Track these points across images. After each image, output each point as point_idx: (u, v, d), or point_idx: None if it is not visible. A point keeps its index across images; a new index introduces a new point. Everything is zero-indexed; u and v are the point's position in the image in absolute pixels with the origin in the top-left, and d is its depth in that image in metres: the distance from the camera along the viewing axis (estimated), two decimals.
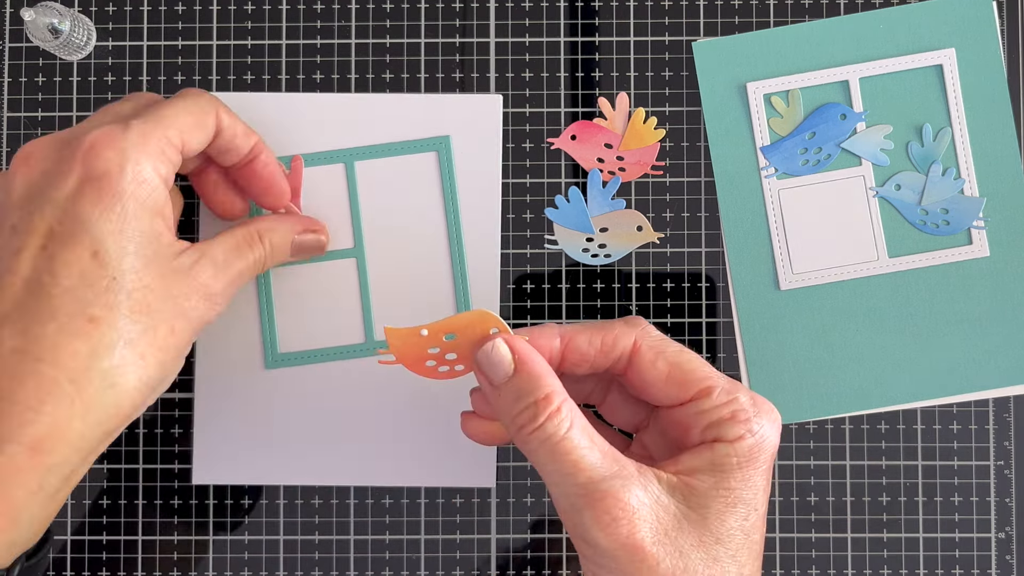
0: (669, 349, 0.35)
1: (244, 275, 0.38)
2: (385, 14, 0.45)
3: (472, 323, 0.33)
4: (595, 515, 0.31)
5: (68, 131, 0.35)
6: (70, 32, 0.42)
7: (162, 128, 0.35)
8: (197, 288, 0.36)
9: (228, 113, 0.38)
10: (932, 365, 0.43)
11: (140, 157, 0.34)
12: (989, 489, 0.44)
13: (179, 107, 0.36)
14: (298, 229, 0.41)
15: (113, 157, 0.33)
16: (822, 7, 0.44)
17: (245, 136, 0.39)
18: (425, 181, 0.44)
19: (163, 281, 0.34)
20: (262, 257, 0.39)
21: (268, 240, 0.39)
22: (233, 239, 0.38)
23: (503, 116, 0.44)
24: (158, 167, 0.35)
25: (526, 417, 0.32)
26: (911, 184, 0.44)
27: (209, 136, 0.38)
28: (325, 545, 0.44)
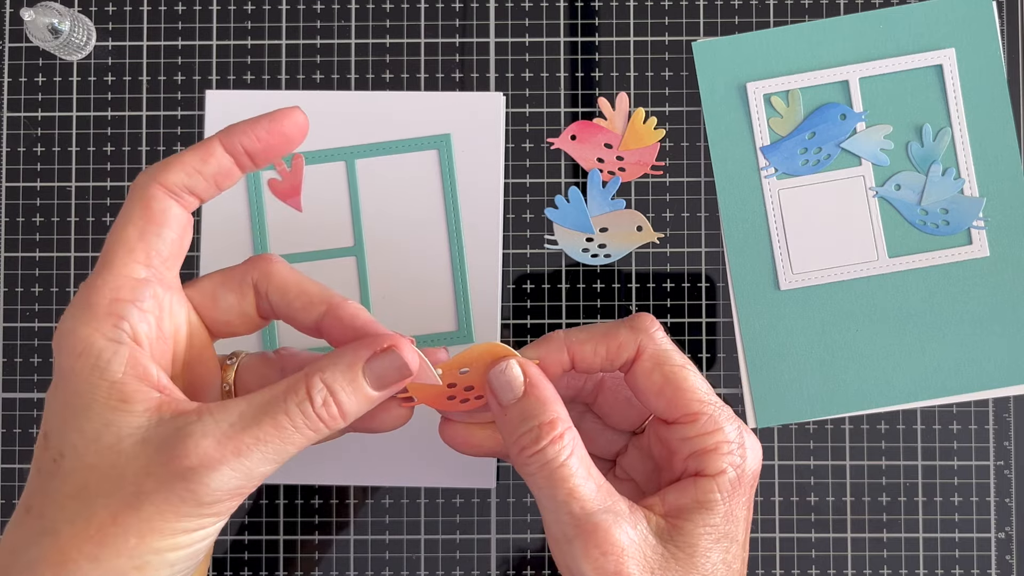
0: (669, 362, 0.34)
1: (276, 442, 0.28)
2: (385, 14, 0.45)
3: (483, 354, 0.34)
4: (585, 547, 0.31)
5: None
6: (70, 32, 0.42)
7: (101, 279, 0.29)
8: (166, 464, 0.27)
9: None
10: (932, 365, 0.43)
11: (77, 326, 0.29)
12: (989, 489, 0.44)
13: (117, 230, 0.30)
14: (364, 355, 0.30)
15: (57, 339, 0.29)
16: (822, 7, 0.44)
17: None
18: (426, 179, 0.44)
19: (115, 458, 0.28)
20: (310, 413, 0.29)
21: (321, 382, 0.30)
22: (270, 391, 0.29)
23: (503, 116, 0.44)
24: (103, 329, 0.29)
25: (529, 439, 0.32)
26: (911, 184, 0.44)
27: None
28: (325, 545, 0.44)
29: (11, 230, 0.44)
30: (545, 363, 0.35)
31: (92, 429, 0.28)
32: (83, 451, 0.28)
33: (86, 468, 0.28)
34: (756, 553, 0.44)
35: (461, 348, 0.37)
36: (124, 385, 0.28)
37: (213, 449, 0.28)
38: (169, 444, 0.27)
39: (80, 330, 0.29)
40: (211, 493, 0.28)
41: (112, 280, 0.29)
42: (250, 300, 0.33)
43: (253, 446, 0.28)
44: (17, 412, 0.44)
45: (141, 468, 0.27)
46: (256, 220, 0.44)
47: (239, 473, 0.28)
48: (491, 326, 0.43)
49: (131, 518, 0.27)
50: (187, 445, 0.27)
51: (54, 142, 0.44)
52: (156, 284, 0.30)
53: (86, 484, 0.28)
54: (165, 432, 0.28)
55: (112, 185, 0.44)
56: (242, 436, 0.28)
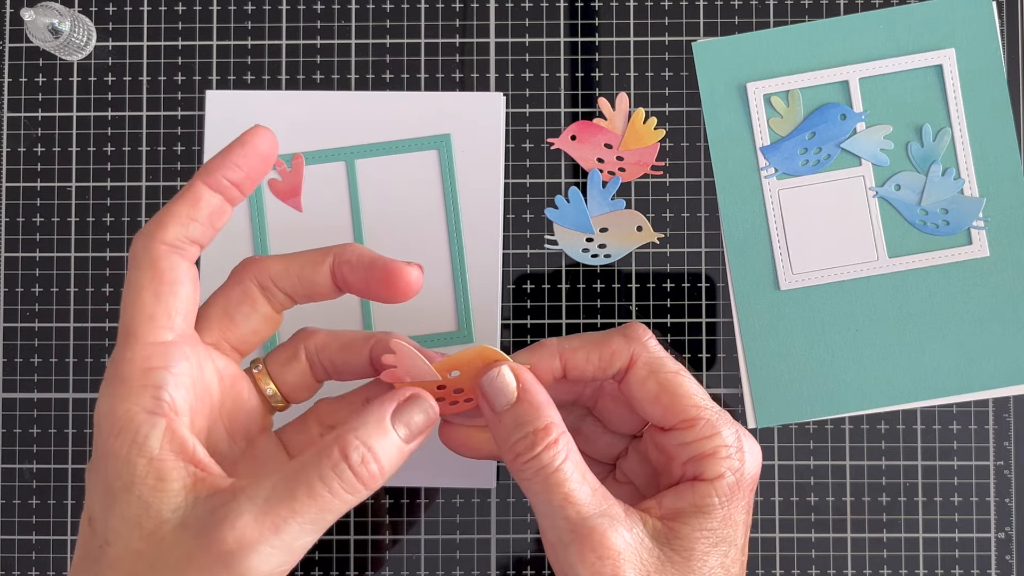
0: (664, 369, 0.34)
1: (313, 512, 0.27)
2: (385, 14, 0.45)
3: (474, 358, 0.34)
4: (581, 552, 0.31)
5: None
6: (70, 32, 0.42)
7: (134, 347, 0.29)
8: (208, 547, 0.27)
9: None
10: (932, 365, 0.43)
11: (114, 404, 0.28)
12: (989, 489, 0.44)
13: (128, 300, 0.30)
14: (389, 407, 0.30)
15: (98, 410, 0.29)
16: (822, 7, 0.44)
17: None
18: (426, 179, 0.44)
19: (159, 544, 0.27)
20: (348, 477, 0.28)
21: (359, 441, 0.29)
22: (300, 460, 0.28)
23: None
24: (143, 403, 0.28)
25: (524, 445, 0.32)
26: (911, 184, 0.44)
27: (186, 281, 0.30)
28: (325, 545, 0.44)
29: (11, 230, 0.44)
30: (537, 369, 0.35)
31: (133, 515, 0.28)
32: (127, 537, 0.27)
33: (133, 555, 0.27)
34: (756, 553, 0.44)
35: (461, 348, 0.37)
36: (162, 462, 0.28)
37: (250, 529, 0.27)
38: (207, 528, 0.27)
39: (118, 408, 0.28)
40: (253, 572, 0.27)
41: (141, 350, 0.29)
42: (263, 305, 0.33)
43: (290, 519, 0.27)
44: (17, 412, 0.44)
45: (184, 555, 0.27)
46: (256, 220, 0.44)
47: (278, 550, 0.27)
48: (491, 326, 0.44)
49: None
50: (223, 528, 0.27)
51: (54, 142, 0.44)
52: (184, 344, 0.30)
53: (134, 569, 0.27)
54: (202, 514, 0.27)
55: (112, 185, 0.44)
56: (278, 511, 0.27)
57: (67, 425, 0.44)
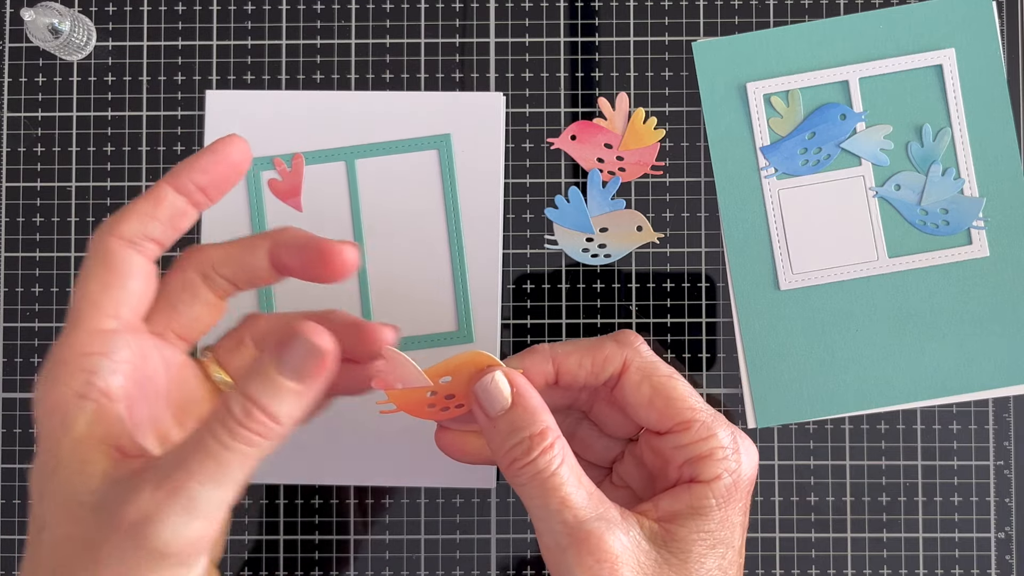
0: (657, 373, 0.35)
1: (210, 472, 0.27)
2: (385, 14, 0.45)
3: (466, 363, 0.34)
4: (578, 555, 0.31)
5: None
6: (70, 32, 0.42)
7: (74, 335, 0.29)
8: (117, 527, 0.26)
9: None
10: (932, 365, 0.43)
11: (48, 389, 0.28)
12: (989, 489, 0.44)
13: (82, 285, 0.30)
14: (269, 355, 0.28)
15: (35, 394, 0.29)
16: (822, 7, 0.44)
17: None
18: (426, 179, 0.44)
19: (84, 528, 0.27)
20: (236, 429, 0.27)
21: (238, 394, 0.28)
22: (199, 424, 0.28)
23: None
24: (74, 386, 0.28)
25: (520, 451, 0.32)
26: (911, 184, 0.44)
27: (141, 274, 0.30)
28: (325, 545, 0.44)
29: (11, 230, 0.44)
30: (530, 374, 0.35)
31: (61, 498, 0.27)
32: (59, 521, 0.27)
33: (64, 540, 0.27)
34: (756, 553, 0.44)
35: (461, 349, 0.37)
36: (84, 445, 0.27)
37: (148, 501, 0.26)
38: (115, 508, 0.26)
39: (52, 390, 0.28)
40: (168, 544, 0.26)
41: (82, 335, 0.29)
42: (205, 292, 0.32)
43: (187, 482, 0.26)
44: (17, 412, 0.44)
45: (101, 537, 0.26)
46: (256, 220, 0.44)
47: (186, 516, 0.26)
48: (491, 326, 0.43)
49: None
50: (126, 505, 0.26)
51: (54, 142, 0.44)
52: (126, 333, 0.29)
53: (66, 558, 0.27)
54: (113, 495, 0.27)
55: (112, 185, 0.44)
56: (174, 477, 0.26)
57: None
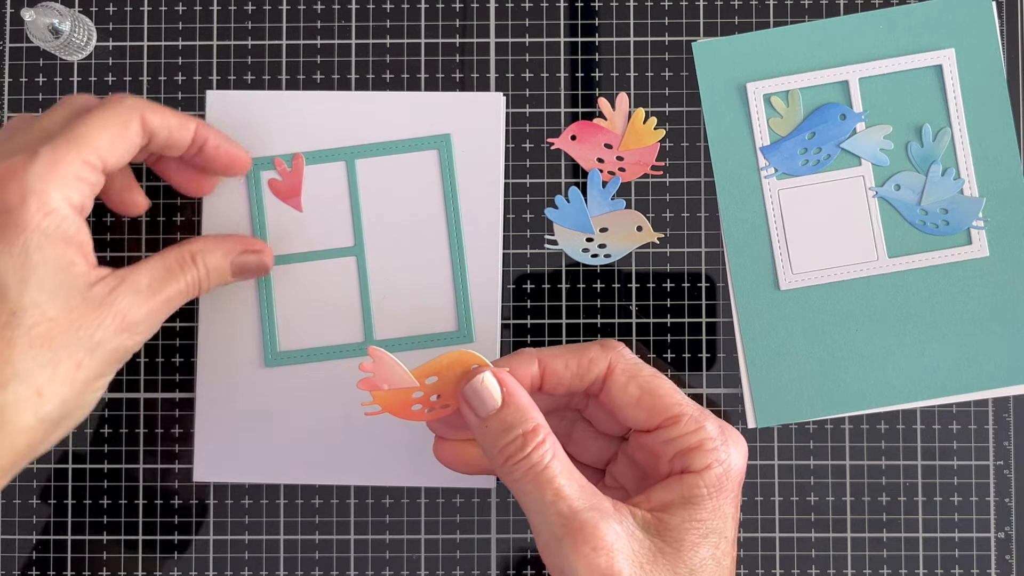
0: (642, 373, 0.36)
1: (174, 300, 0.37)
2: (385, 14, 0.45)
3: (452, 363, 0.34)
4: (574, 544, 0.31)
5: None
6: (70, 32, 0.42)
7: (75, 150, 0.34)
8: (113, 317, 0.34)
9: (156, 111, 0.37)
10: (932, 365, 0.43)
11: (46, 187, 0.33)
12: (989, 489, 0.44)
13: (94, 123, 0.35)
14: (237, 249, 0.40)
15: (16, 189, 0.33)
16: (822, 7, 0.44)
17: (181, 129, 0.38)
18: (426, 179, 0.44)
19: (71, 313, 0.33)
20: (195, 280, 0.38)
21: (203, 262, 0.38)
22: (163, 263, 0.37)
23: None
24: (69, 195, 0.34)
25: (514, 447, 0.33)
26: (911, 184, 0.44)
27: (134, 144, 0.37)
28: (325, 545, 0.44)
29: None
30: (516, 374, 0.35)
31: (51, 286, 0.33)
32: (46, 306, 0.33)
33: (48, 321, 0.33)
34: (756, 553, 0.44)
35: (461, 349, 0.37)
36: (73, 249, 0.34)
37: (142, 309, 0.36)
38: (109, 303, 0.35)
39: (52, 192, 0.33)
40: (137, 343, 0.36)
41: (82, 158, 0.34)
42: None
43: (164, 304, 0.37)
44: None
45: (93, 323, 0.34)
46: (256, 220, 0.44)
47: (152, 326, 0.37)
48: (491, 326, 0.44)
49: (92, 361, 0.34)
50: (123, 306, 0.35)
51: None
52: (101, 177, 0.36)
53: (51, 334, 0.33)
54: (100, 294, 0.34)
55: None
56: (156, 297, 0.36)
57: None
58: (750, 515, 0.44)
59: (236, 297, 0.43)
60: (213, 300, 0.43)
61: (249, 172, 0.43)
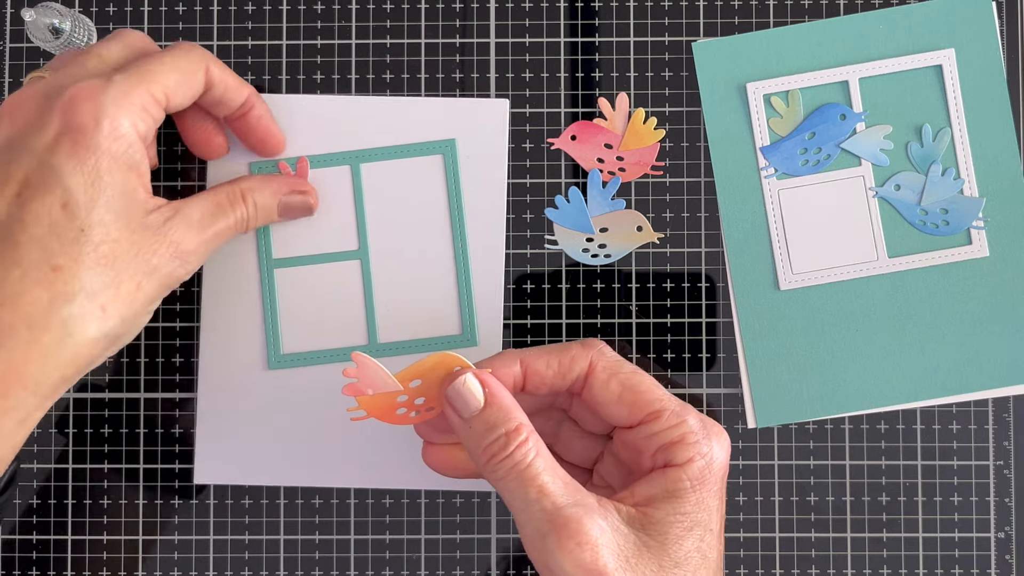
0: (623, 370, 0.36)
1: (222, 235, 0.39)
2: (385, 14, 0.45)
3: (435, 366, 0.34)
4: (559, 540, 0.32)
5: (54, 78, 0.35)
6: (71, 32, 0.42)
7: (145, 84, 0.35)
8: (168, 245, 0.36)
9: (219, 67, 0.39)
10: (932, 365, 0.43)
11: (118, 113, 0.34)
12: (989, 489, 0.44)
13: (167, 63, 0.36)
14: (284, 190, 0.41)
15: (90, 111, 0.34)
16: (822, 7, 0.44)
17: (237, 89, 0.40)
18: (430, 184, 0.44)
19: (132, 236, 0.35)
20: (244, 217, 0.39)
21: (252, 199, 0.40)
22: (215, 198, 0.39)
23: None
24: (136, 123, 0.35)
25: (497, 446, 0.33)
26: (911, 184, 0.44)
27: (196, 91, 0.38)
28: (325, 545, 0.44)
29: None
30: (498, 375, 0.36)
31: (117, 208, 0.34)
32: (109, 226, 0.34)
33: (112, 242, 0.34)
34: (756, 553, 0.44)
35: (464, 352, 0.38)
36: (136, 177, 0.35)
37: (196, 240, 0.37)
38: (166, 233, 0.36)
39: (123, 118, 0.35)
40: (188, 272, 0.37)
41: (151, 92, 0.36)
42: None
43: (214, 237, 0.38)
44: None
45: (150, 249, 0.35)
46: None
47: (203, 257, 0.38)
48: (494, 330, 0.44)
49: (148, 284, 0.35)
50: (179, 236, 0.36)
51: None
52: (163, 113, 0.37)
53: (115, 255, 0.34)
54: (157, 222, 0.36)
55: None
56: (208, 231, 0.38)
57: (67, 425, 0.44)
58: (750, 515, 0.44)
59: (240, 299, 0.43)
60: (216, 301, 0.44)
61: (253, 173, 0.43)
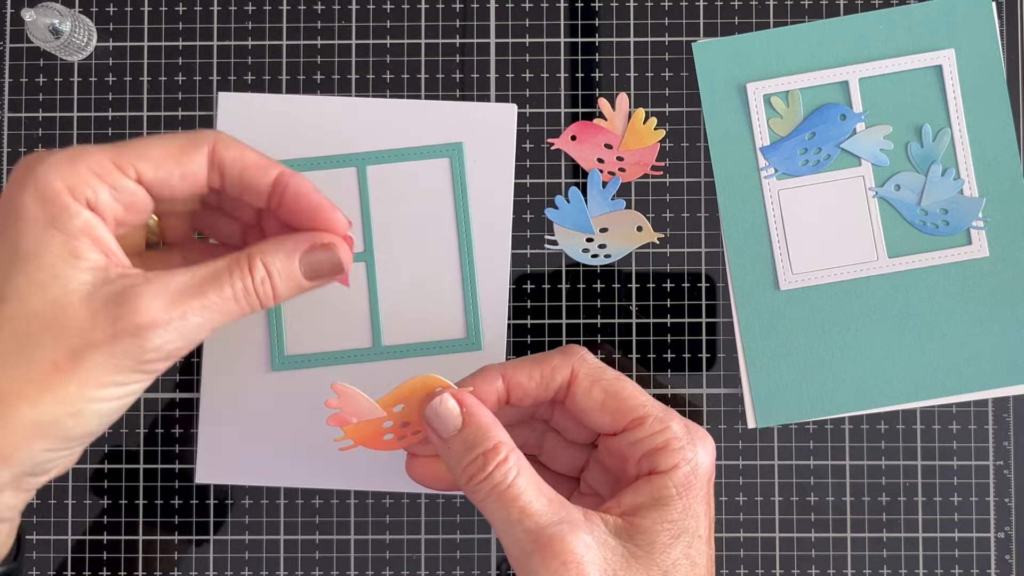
0: (605, 377, 0.36)
1: (216, 307, 0.31)
2: (385, 15, 0.45)
3: (417, 389, 0.34)
4: (543, 560, 0.31)
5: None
6: (71, 33, 0.42)
7: (107, 152, 0.31)
8: (115, 318, 0.29)
9: (235, 146, 0.33)
10: (932, 365, 0.43)
11: (50, 178, 0.30)
12: (988, 489, 0.44)
13: (151, 139, 0.32)
14: (304, 246, 0.33)
15: (20, 175, 0.30)
16: (822, 7, 0.44)
17: (260, 169, 0.33)
18: (437, 187, 0.44)
19: (64, 309, 0.29)
20: (248, 288, 0.32)
21: (261, 264, 0.32)
22: (212, 265, 0.31)
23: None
24: (77, 187, 0.30)
25: (475, 467, 0.33)
26: (911, 184, 0.44)
27: (191, 171, 0.32)
28: (325, 545, 0.44)
29: None
30: (480, 391, 0.35)
31: (41, 278, 0.29)
32: (28, 298, 0.29)
33: (30, 315, 0.29)
34: (756, 553, 0.44)
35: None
36: (78, 242, 0.30)
37: (162, 310, 0.30)
38: (119, 302, 0.29)
39: (55, 182, 0.30)
40: (154, 351, 0.30)
41: (110, 158, 0.31)
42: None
43: (198, 311, 0.30)
44: None
45: (87, 321, 0.29)
46: None
47: (180, 335, 0.30)
48: (499, 334, 0.44)
49: (74, 367, 0.29)
50: (138, 304, 0.29)
51: (55, 143, 0.44)
52: (134, 184, 0.32)
53: (29, 331, 0.29)
54: (113, 291, 0.30)
55: None
56: (189, 302, 0.30)
57: None
58: (750, 515, 0.44)
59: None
60: None
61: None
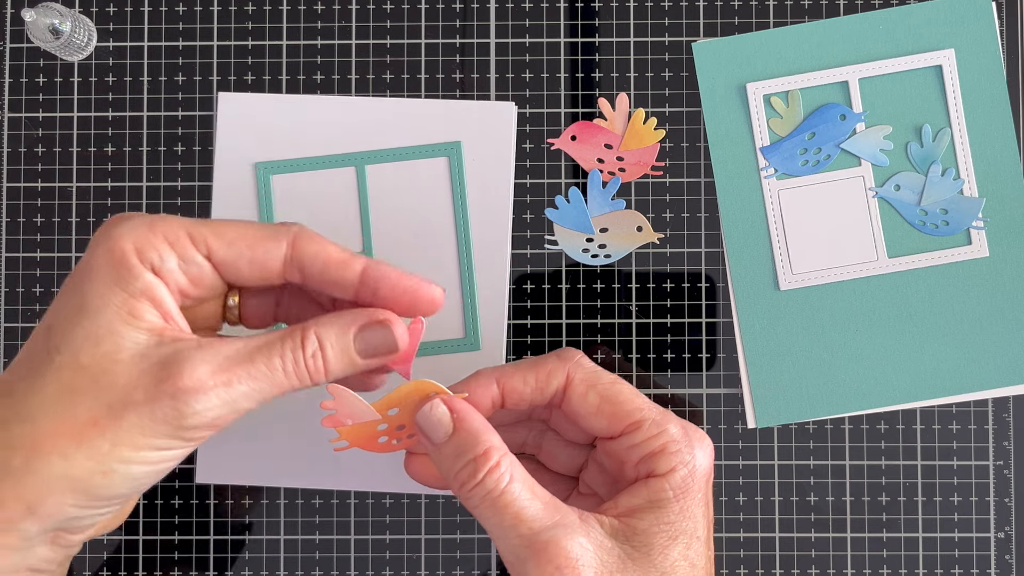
0: (601, 381, 0.35)
1: (264, 379, 0.30)
2: (385, 14, 0.45)
3: (411, 393, 0.34)
4: (539, 565, 0.31)
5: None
6: (71, 33, 0.42)
7: (186, 224, 0.31)
8: (159, 380, 0.29)
9: (317, 242, 0.32)
10: (932, 365, 0.44)
11: (121, 241, 0.30)
12: (988, 489, 0.44)
13: (236, 221, 0.32)
14: (361, 321, 0.32)
15: (100, 235, 0.31)
16: (822, 7, 0.44)
17: (342, 265, 0.32)
18: (436, 186, 0.44)
19: (112, 365, 0.29)
20: (298, 360, 0.31)
21: (314, 337, 0.31)
22: (265, 336, 0.31)
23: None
24: (146, 251, 0.30)
25: (467, 473, 0.33)
26: (911, 184, 0.44)
27: (266, 260, 0.32)
28: (325, 545, 0.44)
29: (11, 230, 0.44)
30: (474, 396, 0.35)
31: (96, 332, 0.29)
32: (81, 351, 0.29)
33: (77, 367, 0.29)
34: (756, 553, 0.44)
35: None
36: (137, 302, 0.30)
37: (207, 376, 0.29)
38: (166, 364, 0.29)
39: (126, 243, 0.30)
40: (194, 416, 0.29)
41: (185, 228, 0.31)
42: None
43: (244, 379, 0.30)
44: None
45: (133, 380, 0.29)
46: (264, 220, 0.43)
47: (223, 403, 0.29)
48: (498, 334, 0.44)
49: (111, 425, 0.28)
50: (183, 368, 0.29)
51: (55, 142, 0.44)
52: (203, 258, 0.31)
53: (74, 383, 0.29)
54: (164, 353, 0.29)
55: (112, 185, 0.44)
56: (236, 369, 0.30)
57: None
58: (750, 515, 0.44)
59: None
60: None
61: (259, 175, 0.43)
